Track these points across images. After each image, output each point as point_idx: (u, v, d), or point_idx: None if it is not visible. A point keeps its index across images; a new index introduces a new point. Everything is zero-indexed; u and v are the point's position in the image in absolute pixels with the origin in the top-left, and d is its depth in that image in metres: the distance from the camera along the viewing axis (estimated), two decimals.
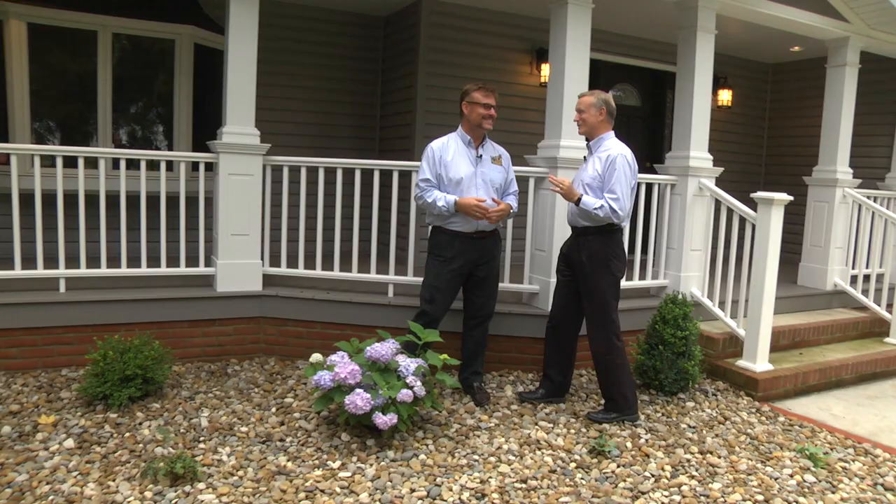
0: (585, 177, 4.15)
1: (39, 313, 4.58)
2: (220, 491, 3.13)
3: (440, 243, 4.24)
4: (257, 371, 4.84)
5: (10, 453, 3.44)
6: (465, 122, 4.24)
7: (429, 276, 4.29)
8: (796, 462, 3.78)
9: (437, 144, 4.23)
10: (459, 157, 4.19)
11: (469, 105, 4.18)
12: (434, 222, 4.27)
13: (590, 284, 4.14)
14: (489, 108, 4.15)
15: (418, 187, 4.20)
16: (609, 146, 4.14)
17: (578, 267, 4.16)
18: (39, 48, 5.72)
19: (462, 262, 4.22)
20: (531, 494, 3.26)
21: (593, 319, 4.19)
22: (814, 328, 5.80)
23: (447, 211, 4.10)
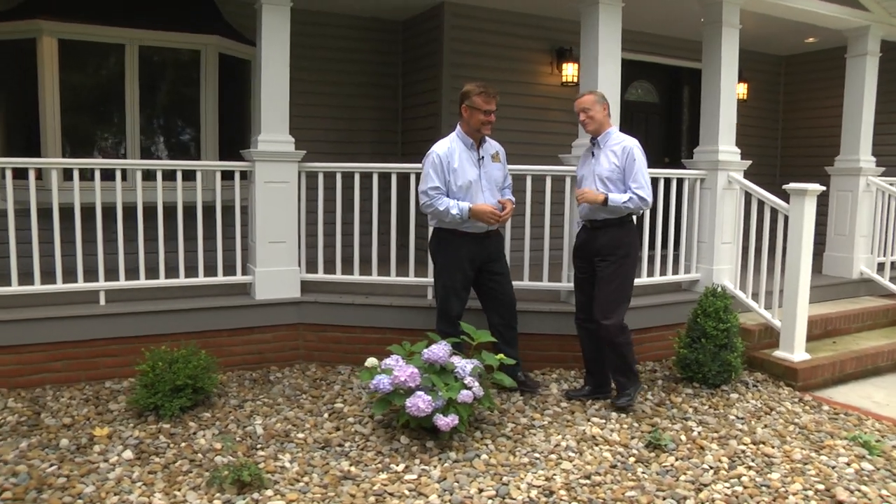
0: (601, 171, 4.20)
1: (81, 326, 4.60)
2: (289, 497, 3.15)
3: (449, 245, 4.25)
4: (299, 377, 4.85)
5: (72, 465, 3.46)
6: (465, 125, 4.25)
7: (443, 278, 4.32)
8: (850, 450, 3.81)
9: (442, 150, 4.20)
10: (465, 162, 4.21)
11: (469, 109, 4.17)
12: (441, 225, 4.29)
13: (610, 272, 4.21)
14: (489, 114, 4.16)
15: (426, 195, 4.15)
16: (620, 138, 4.25)
17: (600, 257, 4.23)
18: (69, 63, 5.74)
19: (472, 261, 4.27)
20: (597, 490, 3.29)
21: (607, 303, 4.21)
22: (844, 317, 5.84)
23: (460, 218, 4.12)
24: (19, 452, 3.58)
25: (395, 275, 5.08)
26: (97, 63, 5.92)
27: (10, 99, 5.86)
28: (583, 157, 4.43)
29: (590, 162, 4.32)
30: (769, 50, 8.60)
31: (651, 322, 5.24)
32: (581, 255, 4.38)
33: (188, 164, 5.11)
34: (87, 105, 5.96)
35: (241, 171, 5.03)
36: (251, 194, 4.98)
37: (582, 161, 4.43)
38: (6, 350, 4.43)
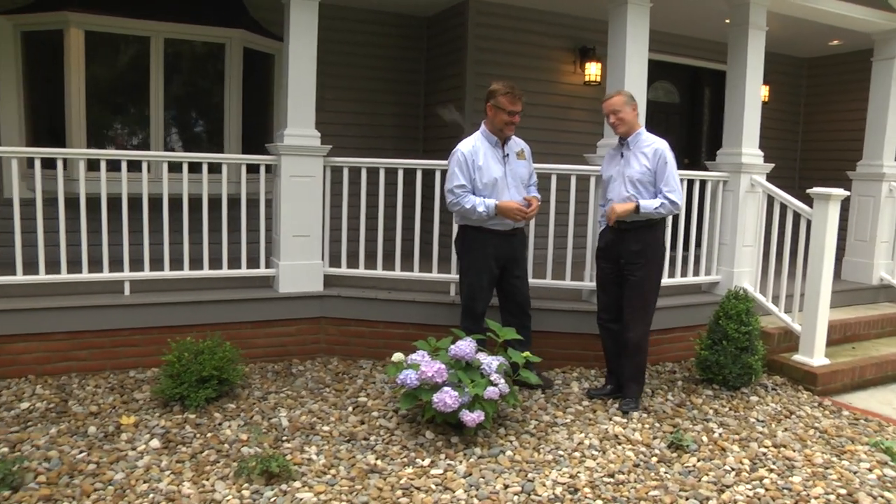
0: (632, 173, 4.20)
1: (106, 316, 4.66)
2: (317, 489, 3.19)
3: (476, 242, 4.28)
4: (321, 371, 4.89)
5: (101, 453, 3.51)
6: (489, 123, 4.28)
7: (469, 275, 4.35)
8: (872, 456, 3.82)
9: (467, 148, 4.23)
10: (490, 160, 4.23)
11: (494, 108, 4.20)
12: (467, 223, 4.31)
13: (641, 275, 4.22)
14: (514, 115, 4.19)
15: (452, 193, 4.18)
16: (650, 140, 4.25)
17: (629, 259, 4.23)
18: (95, 55, 5.79)
19: (498, 259, 4.30)
20: (621, 488, 3.31)
21: (637, 309, 4.26)
22: (864, 322, 5.84)
23: (487, 215, 4.15)
24: (49, 438, 3.64)
25: (419, 271, 5.11)
26: (123, 55, 5.97)
27: (36, 89, 5.92)
28: (609, 157, 4.43)
29: (618, 162, 4.31)
30: (792, 52, 8.57)
31: (670, 323, 5.25)
32: (607, 255, 4.37)
33: (215, 156, 5.15)
34: (112, 97, 6.02)
35: (266, 165, 5.06)
36: (276, 188, 5.01)
37: (608, 161, 4.43)
38: (33, 337, 4.50)
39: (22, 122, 5.89)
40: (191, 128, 6.31)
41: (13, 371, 4.46)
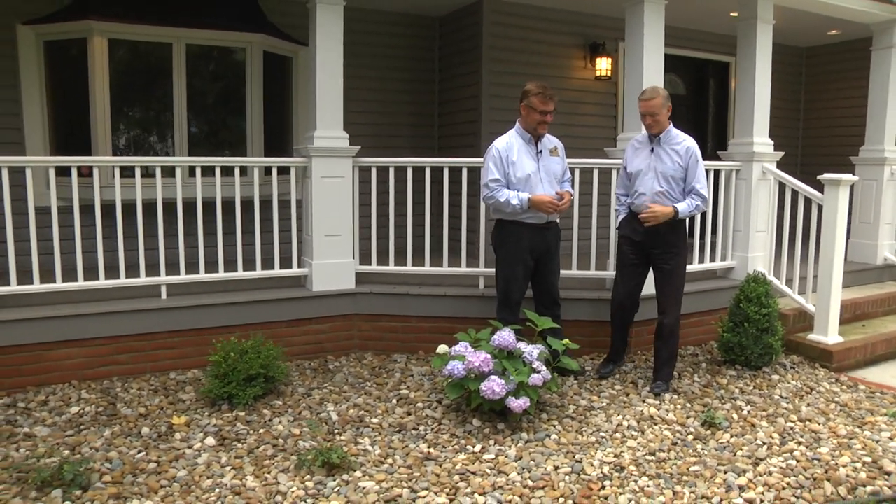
0: (665, 169, 4.38)
1: (145, 319, 4.77)
2: (378, 478, 3.35)
3: (511, 236, 4.44)
4: (357, 366, 5.05)
5: (159, 452, 3.65)
6: (523, 121, 4.45)
7: (504, 268, 4.51)
8: (891, 426, 4.03)
9: (502, 144, 4.40)
10: (524, 155, 4.40)
11: (527, 108, 4.38)
12: (503, 216, 4.47)
13: (673, 265, 4.45)
14: (546, 114, 4.36)
15: (487, 187, 4.35)
16: (681, 137, 4.45)
17: (664, 249, 4.43)
18: (119, 62, 5.89)
19: (532, 251, 4.47)
20: (663, 465, 3.50)
21: (672, 296, 4.50)
22: (872, 301, 6.06)
23: (521, 209, 4.32)
24: (105, 441, 3.77)
25: (448, 265, 5.27)
26: (145, 61, 6.08)
27: (59, 98, 6.01)
28: (635, 150, 4.58)
29: (647, 157, 4.46)
30: (791, 42, 8.77)
31: (690, 308, 5.41)
32: (634, 245, 4.55)
33: (246, 160, 5.30)
34: (135, 103, 6.12)
35: (297, 167, 5.20)
36: (307, 189, 5.15)
37: (634, 153, 4.57)
38: (74, 343, 4.60)
39: (46, 131, 5.98)
40: (214, 131, 6.43)
41: (56, 377, 4.57)
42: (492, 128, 6.46)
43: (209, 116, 6.38)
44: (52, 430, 3.90)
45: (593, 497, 3.19)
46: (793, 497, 3.23)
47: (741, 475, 3.42)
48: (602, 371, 4.76)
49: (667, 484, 3.32)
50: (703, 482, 3.34)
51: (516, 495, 3.19)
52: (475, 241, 5.34)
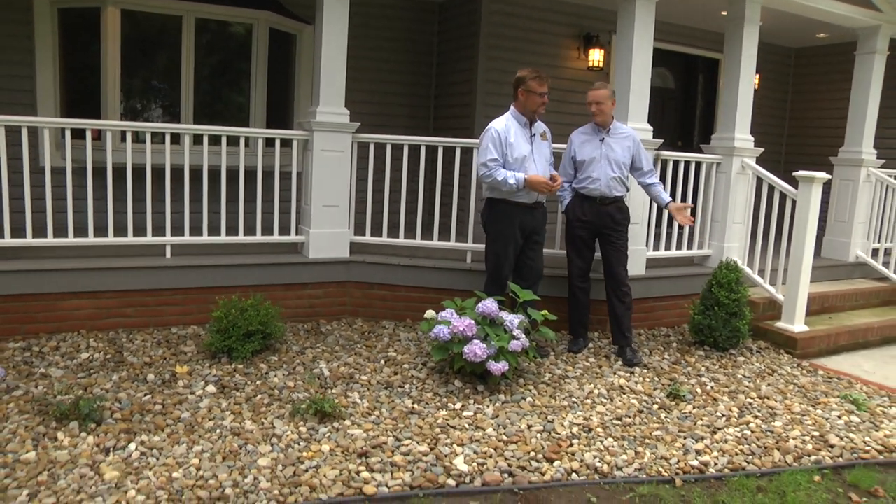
0: (617, 156, 4.91)
1: (150, 276, 5.04)
2: (365, 427, 3.66)
3: (503, 214, 4.69)
4: (348, 330, 5.34)
5: (163, 396, 3.94)
6: (520, 105, 4.70)
7: (495, 244, 4.75)
8: (841, 406, 4.37)
9: (500, 126, 4.65)
10: (520, 138, 4.67)
11: (526, 93, 4.63)
12: (495, 195, 4.71)
13: (623, 239, 4.98)
14: (543, 95, 4.65)
15: (486, 166, 4.59)
16: (625, 128, 5.04)
17: (613, 227, 4.92)
18: (130, 32, 6.11)
19: (523, 230, 4.73)
20: (628, 429, 3.82)
21: (625, 267, 5.00)
22: (840, 295, 6.39)
23: (516, 187, 4.58)
24: (114, 384, 4.07)
25: (438, 240, 5.56)
26: (156, 33, 6.30)
27: (71, 64, 6.23)
28: (583, 141, 5.00)
29: (598, 146, 4.92)
30: (781, 42, 9.05)
31: (666, 292, 5.77)
32: (588, 227, 4.95)
33: (253, 131, 5.55)
34: (144, 72, 6.35)
35: (299, 139, 5.46)
36: (308, 161, 5.42)
37: (583, 144, 4.98)
38: (85, 295, 4.88)
39: (57, 95, 6.20)
40: (218, 102, 6.67)
41: (67, 326, 4.85)
42: (485, 111, 6.72)
43: (215, 88, 6.62)
44: (65, 372, 4.19)
45: (561, 453, 3.51)
46: (744, 462, 3.56)
47: (699, 441, 3.74)
48: (573, 348, 5.06)
49: (630, 445, 3.64)
50: (663, 445, 3.67)
51: (491, 447, 3.51)
52: (465, 218, 5.62)
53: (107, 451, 3.30)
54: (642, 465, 3.44)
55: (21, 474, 3.02)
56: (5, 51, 5.89)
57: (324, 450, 3.39)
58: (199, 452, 3.32)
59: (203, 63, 6.40)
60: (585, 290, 5.07)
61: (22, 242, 4.74)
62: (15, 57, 5.98)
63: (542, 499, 3.12)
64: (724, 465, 3.52)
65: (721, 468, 3.49)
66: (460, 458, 3.38)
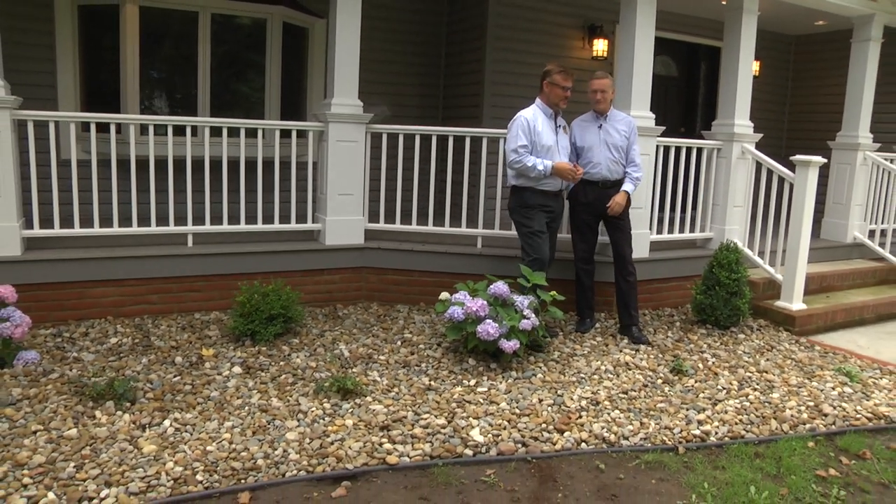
0: (614, 141, 5.11)
1: (173, 264, 5.26)
2: (386, 402, 3.88)
3: (532, 200, 4.88)
4: (364, 314, 5.56)
5: (192, 377, 4.17)
6: (545, 97, 4.90)
7: (529, 224, 4.89)
8: (836, 379, 4.59)
9: (529, 115, 4.86)
10: (546, 128, 4.87)
11: (551, 86, 4.84)
12: (523, 183, 4.90)
13: (627, 221, 5.16)
14: (567, 90, 4.85)
15: (516, 152, 4.79)
16: (622, 115, 5.22)
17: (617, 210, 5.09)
18: (148, 28, 6.31)
19: (548, 213, 4.94)
20: (633, 401, 4.04)
21: (630, 249, 5.19)
22: (838, 275, 6.59)
23: (544, 174, 4.76)
24: (144, 366, 4.29)
25: (449, 226, 5.77)
26: (173, 29, 6.50)
27: (91, 59, 6.43)
28: (583, 128, 5.18)
29: (596, 132, 5.12)
30: (781, 30, 9.21)
31: (670, 273, 5.98)
32: (591, 210, 5.13)
33: (269, 123, 5.76)
34: (163, 67, 6.55)
35: (315, 131, 5.66)
36: (323, 151, 5.62)
37: (583, 130, 5.17)
38: (111, 283, 5.10)
39: (77, 89, 6.40)
40: (234, 95, 6.87)
41: (94, 313, 5.07)
42: (494, 101, 6.92)
43: (230, 81, 6.82)
44: (96, 356, 4.41)
45: (571, 424, 3.73)
46: (743, 431, 3.78)
47: (701, 412, 3.96)
48: (581, 328, 5.28)
49: (635, 416, 3.87)
50: (667, 416, 3.89)
51: (505, 420, 3.73)
52: (475, 205, 5.82)
53: (143, 427, 3.52)
54: (647, 435, 3.65)
55: (66, 449, 3.24)
56: (28, 48, 6.08)
57: (347, 424, 3.61)
58: (230, 428, 3.53)
59: (219, 57, 6.59)
60: (589, 273, 5.28)
61: (50, 233, 4.97)
62: (37, 54, 6.18)
63: (554, 466, 3.34)
64: (724, 433, 3.73)
65: (721, 437, 3.71)
66: (476, 429, 3.60)
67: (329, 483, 3.10)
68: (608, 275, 5.39)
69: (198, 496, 2.94)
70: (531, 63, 6.93)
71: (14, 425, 3.44)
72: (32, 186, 4.84)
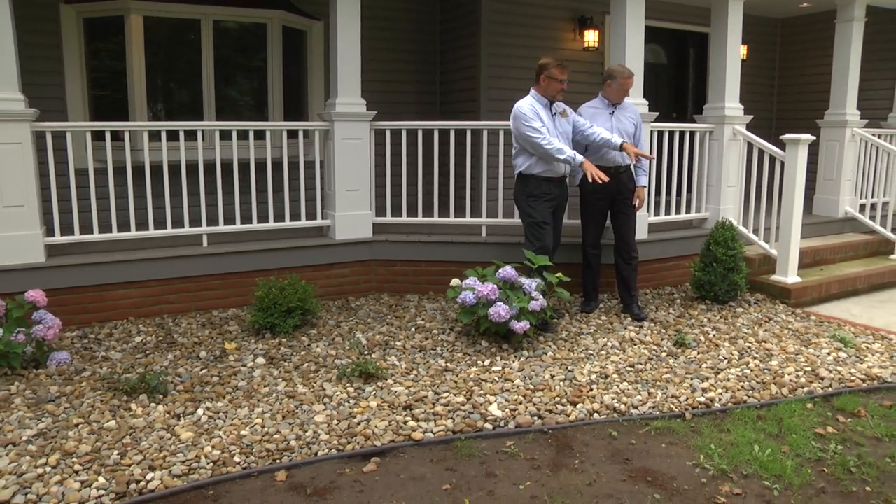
0: (626, 127, 5.33)
1: (190, 264, 5.45)
2: (406, 384, 4.09)
3: (539, 187, 5.03)
4: (376, 305, 5.77)
5: (219, 369, 4.36)
6: (541, 89, 5.06)
7: (533, 215, 5.04)
8: (831, 345, 4.82)
9: (527, 104, 5.01)
10: (544, 116, 5.06)
11: (548, 79, 5.00)
12: (529, 170, 5.03)
13: (631, 206, 5.36)
14: (563, 82, 5.03)
15: (538, 132, 4.85)
16: (630, 104, 5.46)
17: (626, 194, 5.34)
18: (153, 37, 6.48)
19: (554, 199, 5.12)
20: (640, 374, 4.26)
21: (633, 232, 5.41)
22: (830, 248, 6.82)
23: (571, 163, 4.88)
24: (170, 361, 4.49)
25: (454, 216, 5.97)
26: (177, 37, 6.67)
27: (98, 69, 6.60)
28: (593, 115, 5.36)
29: (608, 119, 5.33)
30: (767, 13, 9.43)
31: (668, 253, 6.20)
32: (603, 196, 5.30)
33: (277, 124, 5.93)
34: (168, 74, 6.73)
35: (321, 130, 5.86)
36: (330, 150, 5.82)
37: (594, 118, 5.33)
38: (131, 285, 5.29)
39: (85, 99, 6.57)
40: (238, 99, 7.05)
41: (115, 315, 5.26)
42: (490, 94, 7.12)
43: (234, 85, 7.00)
44: (123, 354, 4.61)
45: (583, 397, 3.94)
46: (745, 396, 4.00)
47: (704, 381, 4.18)
48: (586, 309, 5.49)
49: (643, 387, 4.08)
50: (672, 386, 4.10)
51: (520, 395, 3.94)
52: (478, 196, 6.02)
53: (177, 416, 3.71)
54: (655, 404, 3.87)
55: (108, 438, 3.44)
56: (36, 60, 6.25)
57: (372, 405, 3.82)
58: (261, 413, 3.73)
59: (222, 62, 6.77)
60: (598, 256, 5.49)
61: (71, 239, 5.15)
62: (45, 66, 6.35)
63: (570, 436, 3.55)
64: (727, 399, 3.95)
65: (725, 402, 3.92)
66: (494, 405, 3.81)
67: (359, 460, 3.31)
68: (608, 257, 5.59)
69: (238, 476, 3.14)
70: (525, 56, 7.13)
71: (56, 419, 3.63)
72: (52, 195, 5.02)
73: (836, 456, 3.33)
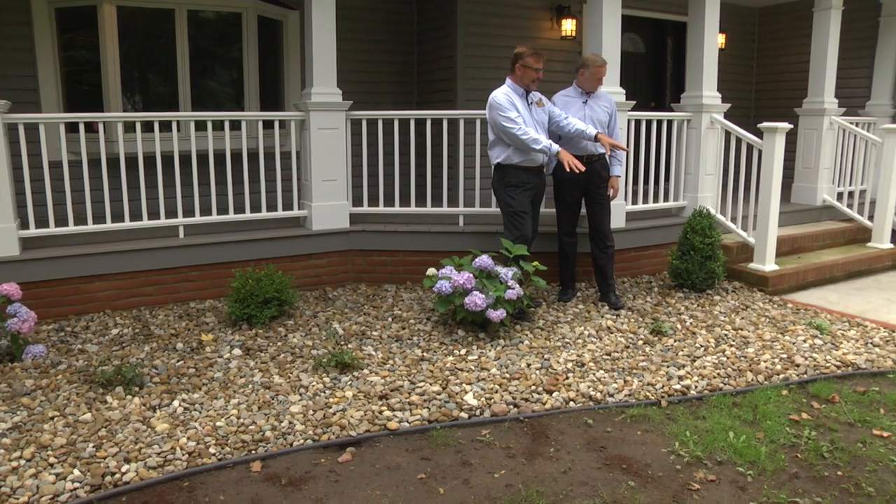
0: (599, 116, 5.34)
1: (166, 256, 5.39)
2: (382, 374, 4.08)
3: (517, 177, 5.02)
4: (353, 295, 5.75)
5: (195, 361, 4.34)
6: (517, 78, 5.05)
7: (512, 204, 5.03)
8: (807, 332, 4.85)
9: (503, 93, 5.00)
10: (521, 105, 5.05)
11: (523, 68, 4.99)
12: (507, 161, 5.01)
13: (605, 195, 5.35)
14: (538, 71, 5.01)
15: (514, 122, 4.83)
16: (604, 92, 5.48)
17: (599, 183, 5.33)
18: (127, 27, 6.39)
19: (532, 189, 5.11)
20: (616, 362, 4.27)
21: (608, 221, 5.43)
22: (808, 236, 6.87)
23: (546, 153, 4.88)
24: (147, 353, 4.45)
25: (431, 206, 5.96)
26: (151, 27, 6.58)
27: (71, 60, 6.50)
28: (566, 103, 5.35)
29: (581, 107, 5.33)
30: (744, 3, 9.46)
31: (646, 242, 6.22)
32: (577, 185, 5.31)
33: (253, 115, 5.89)
34: (142, 65, 6.64)
35: (297, 120, 5.81)
36: (306, 140, 5.78)
37: (567, 106, 5.33)
38: (107, 278, 5.23)
39: (59, 91, 6.47)
40: (214, 89, 6.98)
41: (92, 307, 5.21)
42: (467, 84, 7.09)
43: (210, 76, 6.93)
44: (100, 346, 4.57)
45: (559, 385, 3.95)
46: (721, 384, 4.02)
47: (681, 368, 4.20)
48: (563, 297, 5.51)
49: (619, 375, 4.10)
50: (649, 374, 4.12)
51: (496, 384, 3.94)
52: (455, 185, 6.00)
53: (153, 408, 3.68)
54: (631, 392, 3.88)
55: (83, 431, 3.41)
56: (7, 51, 6.15)
57: (348, 395, 3.81)
58: (237, 405, 3.71)
59: (197, 52, 6.69)
60: (573, 245, 5.51)
61: (46, 232, 5.09)
62: (17, 57, 6.24)
63: (545, 424, 3.56)
64: (703, 387, 3.97)
65: (701, 390, 3.94)
66: (470, 394, 3.81)
67: (335, 449, 3.30)
68: (585, 246, 5.60)
69: (213, 467, 3.12)
70: (502, 45, 7.10)
71: (32, 413, 3.60)
72: (26, 188, 4.95)
73: (810, 442, 3.36)
